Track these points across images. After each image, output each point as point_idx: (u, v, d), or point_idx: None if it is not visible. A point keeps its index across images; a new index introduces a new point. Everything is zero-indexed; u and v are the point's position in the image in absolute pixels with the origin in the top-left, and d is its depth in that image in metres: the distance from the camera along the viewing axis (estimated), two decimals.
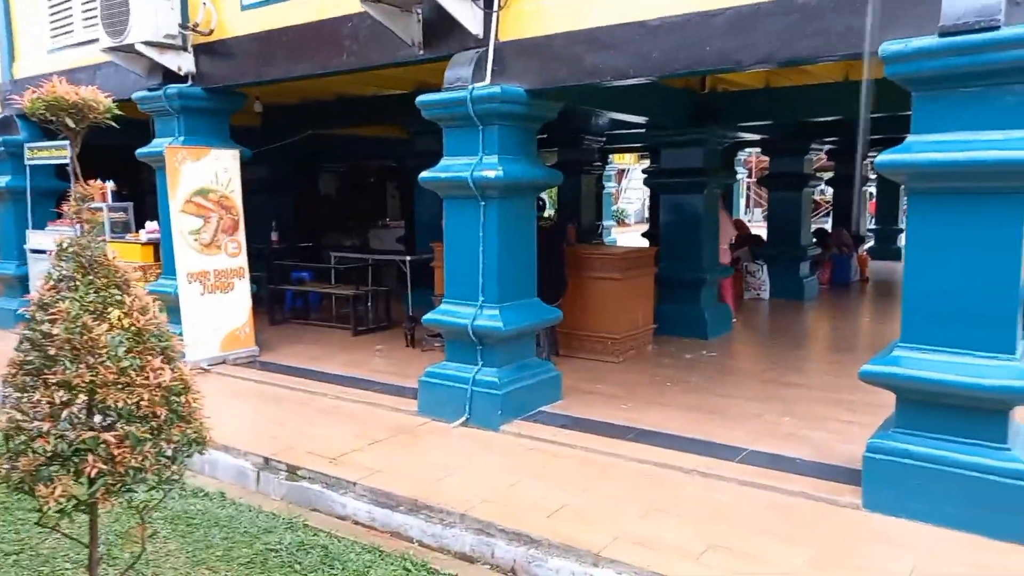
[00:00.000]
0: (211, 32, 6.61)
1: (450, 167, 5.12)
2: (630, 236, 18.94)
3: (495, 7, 4.96)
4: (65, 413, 2.25)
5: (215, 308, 6.93)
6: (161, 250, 7.34)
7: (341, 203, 15.47)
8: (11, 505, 3.96)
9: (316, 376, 6.46)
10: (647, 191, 16.86)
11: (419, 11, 5.29)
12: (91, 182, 7.32)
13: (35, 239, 8.57)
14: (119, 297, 2.45)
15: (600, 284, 6.70)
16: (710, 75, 7.51)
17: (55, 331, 2.31)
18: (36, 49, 8.47)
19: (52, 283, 2.45)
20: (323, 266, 9.90)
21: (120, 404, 2.32)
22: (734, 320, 8.54)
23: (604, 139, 12.58)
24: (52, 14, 8.12)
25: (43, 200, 8.87)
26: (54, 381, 2.29)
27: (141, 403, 2.38)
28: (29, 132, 8.67)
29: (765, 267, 10.45)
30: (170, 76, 6.83)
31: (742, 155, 21.38)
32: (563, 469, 4.39)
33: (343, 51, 5.85)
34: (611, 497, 3.96)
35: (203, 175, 6.88)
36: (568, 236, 7.36)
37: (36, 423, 2.27)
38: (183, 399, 2.50)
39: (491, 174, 4.89)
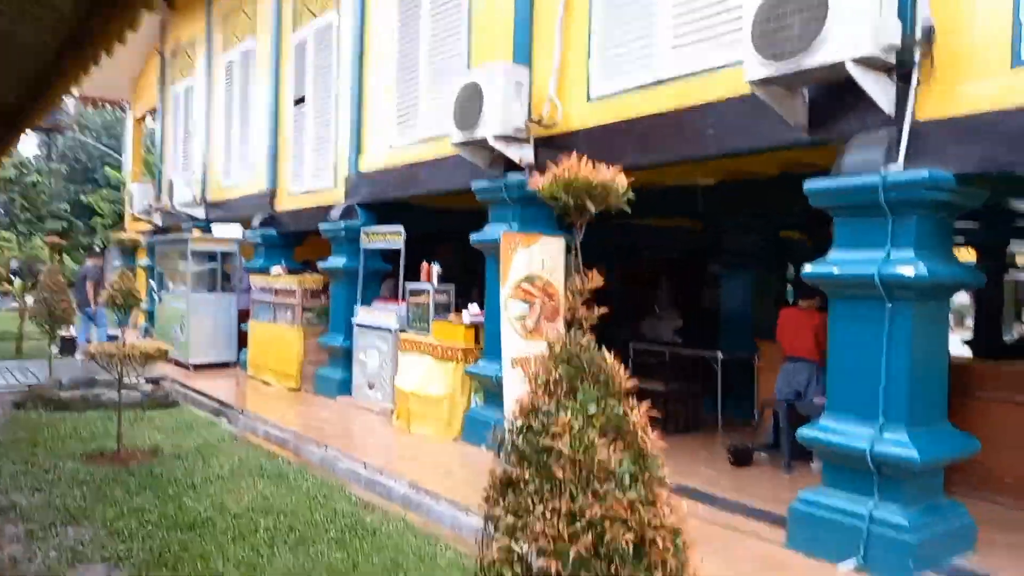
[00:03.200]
0: (555, 125, 6.66)
1: (846, 262, 4.40)
2: None
3: (913, 82, 4.27)
4: (573, 552, 1.84)
5: None
6: (483, 333, 7.37)
7: (620, 293, 15.28)
8: None
9: None
10: None
11: (805, 92, 4.76)
12: (422, 265, 7.59)
13: (362, 315, 9.18)
14: (619, 410, 2.04)
15: (1001, 409, 5.43)
16: None
17: (560, 448, 1.94)
18: (380, 145, 9.29)
19: (543, 385, 2.11)
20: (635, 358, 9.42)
21: (630, 547, 1.87)
22: None
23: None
24: (399, 113, 8.87)
25: (371, 280, 9.56)
26: (558, 511, 1.90)
27: (652, 548, 1.91)
28: (366, 218, 9.46)
29: None
30: (509, 166, 6.97)
31: None
32: None
33: (701, 140, 5.48)
34: None
35: (532, 262, 6.83)
36: None
37: (541, 561, 1.89)
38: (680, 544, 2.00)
39: (907, 272, 4.08)
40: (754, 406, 7.64)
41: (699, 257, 14.60)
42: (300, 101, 11.06)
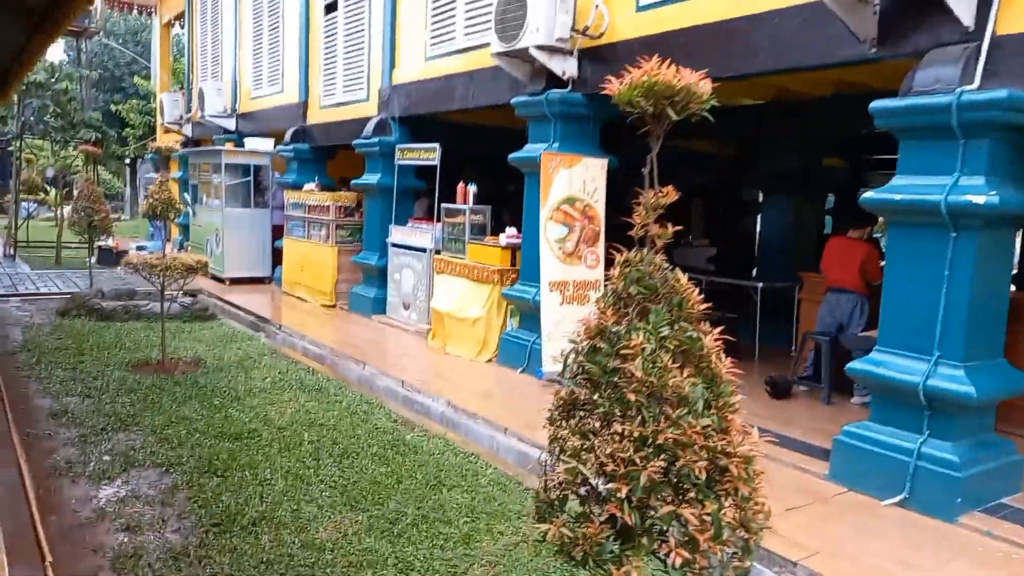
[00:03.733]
0: (601, 36, 6.36)
1: (910, 188, 4.19)
2: None
3: None
4: (644, 477, 1.80)
5: (572, 320, 6.67)
6: (520, 255, 7.29)
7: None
8: None
9: None
10: None
11: (877, 1, 4.44)
12: (458, 186, 7.45)
13: (397, 234, 9.12)
14: (693, 335, 1.96)
15: None
16: None
17: (632, 370, 1.87)
18: (415, 57, 9.00)
19: (611, 306, 2.03)
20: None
21: (703, 475, 1.82)
22: None
23: None
24: (434, 23, 8.55)
25: (404, 198, 9.45)
26: (629, 434, 1.85)
27: (725, 476, 1.86)
28: (400, 134, 9.27)
29: None
30: (551, 81, 6.71)
31: None
32: None
33: (756, 52, 5.19)
34: None
35: (573, 183, 6.67)
36: None
37: (608, 484, 1.85)
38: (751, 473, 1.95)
39: (977, 200, 3.88)
40: (793, 338, 7.53)
41: (733, 184, 14.22)
42: (332, 8, 10.70)
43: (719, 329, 2.03)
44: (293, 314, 9.76)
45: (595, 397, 1.96)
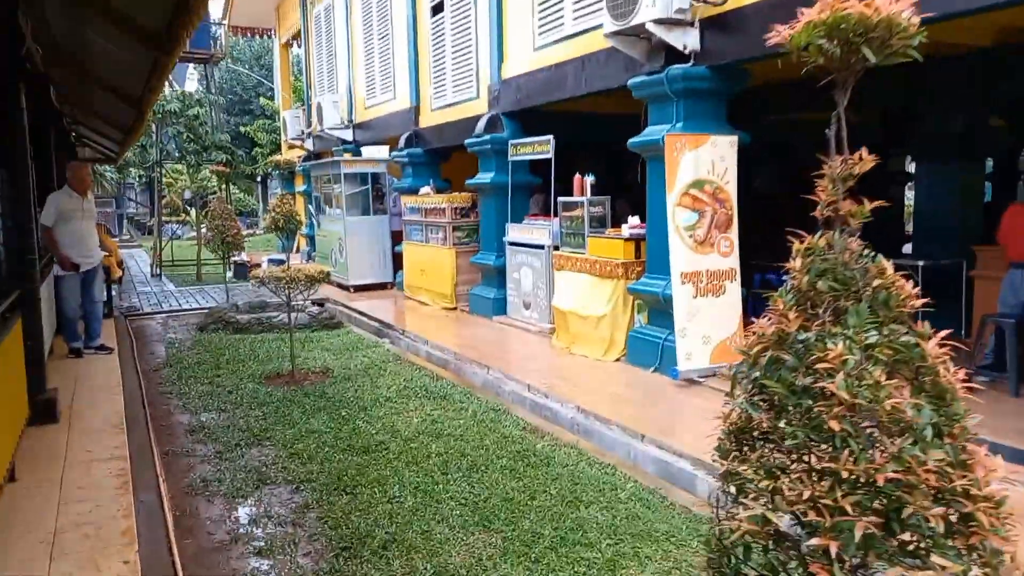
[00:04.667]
0: (725, 1, 5.80)
1: None
2: None
3: None
4: (859, 532, 1.37)
5: (706, 313, 6.16)
6: (646, 246, 6.83)
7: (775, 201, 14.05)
8: None
9: None
10: None
11: None
12: (574, 177, 7.05)
13: (513, 232, 8.88)
14: (909, 340, 1.51)
15: None
16: None
17: (832, 389, 1.44)
18: (522, 49, 8.71)
19: (793, 306, 1.61)
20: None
21: (940, 525, 1.37)
22: None
23: None
24: (542, 11, 8.22)
25: (520, 195, 9.19)
26: (834, 473, 1.43)
27: (969, 525, 1.41)
28: (511, 129, 9.02)
29: None
30: (671, 57, 6.21)
31: None
32: None
33: None
34: None
35: (701, 165, 6.14)
36: None
37: (809, 540, 1.44)
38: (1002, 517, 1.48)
39: None
40: (963, 322, 6.62)
41: (875, 152, 12.98)
42: (438, 8, 10.61)
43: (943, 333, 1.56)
44: (415, 318, 9.74)
45: (780, 424, 1.55)
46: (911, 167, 15.63)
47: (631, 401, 5.77)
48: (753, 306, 7.59)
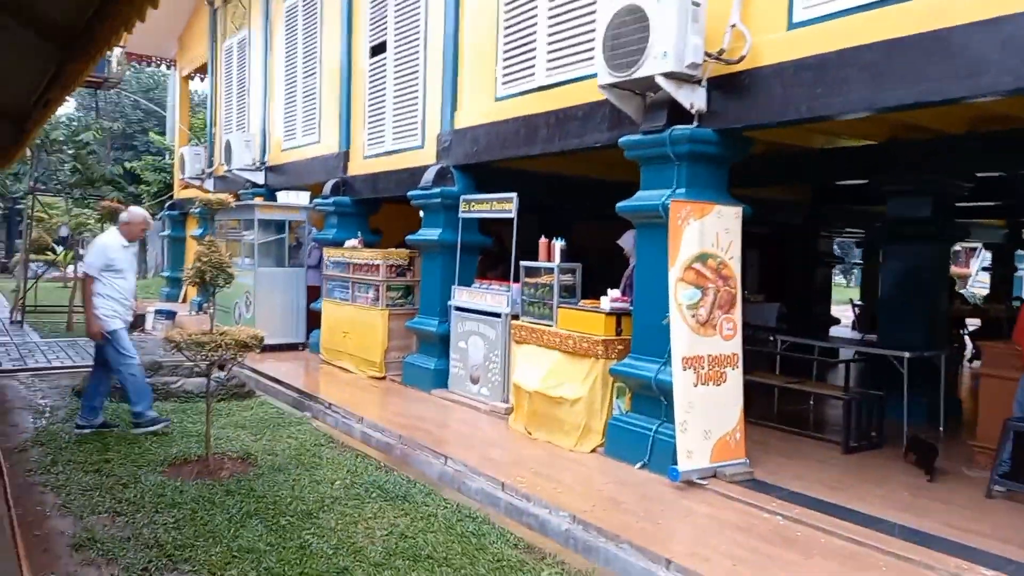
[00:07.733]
0: (739, 60, 5.30)
1: None
2: None
3: None
4: None
5: (707, 404, 5.46)
6: (631, 323, 6.10)
7: None
8: None
9: (842, 514, 4.64)
10: None
11: None
12: (541, 241, 6.26)
13: (462, 296, 7.97)
14: None
15: None
16: None
17: None
18: (481, 97, 8.00)
19: None
20: (797, 355, 7.97)
21: None
22: None
23: None
24: (507, 58, 7.55)
25: (469, 256, 8.33)
26: None
27: None
28: (463, 184, 8.21)
29: None
30: (673, 117, 5.64)
31: None
32: None
33: (983, 67, 4.10)
34: None
35: (706, 237, 5.54)
36: None
37: None
38: None
39: None
40: (939, 413, 6.28)
41: (806, 233, 13.13)
42: (379, 49, 9.76)
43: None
44: (340, 388, 8.52)
45: None
46: (837, 249, 16.07)
47: (630, 507, 4.89)
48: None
